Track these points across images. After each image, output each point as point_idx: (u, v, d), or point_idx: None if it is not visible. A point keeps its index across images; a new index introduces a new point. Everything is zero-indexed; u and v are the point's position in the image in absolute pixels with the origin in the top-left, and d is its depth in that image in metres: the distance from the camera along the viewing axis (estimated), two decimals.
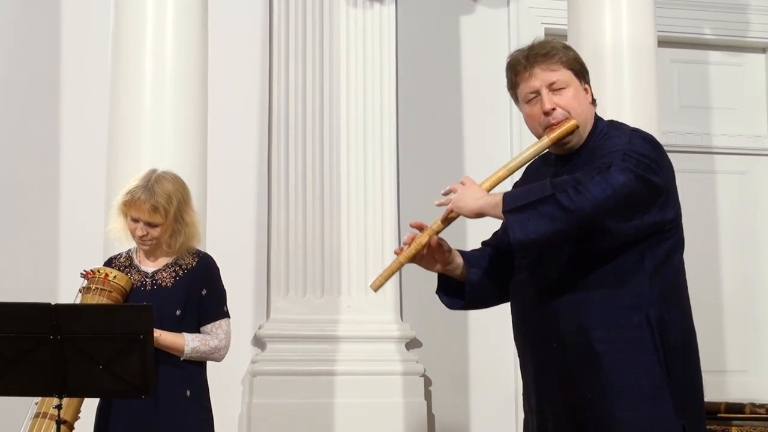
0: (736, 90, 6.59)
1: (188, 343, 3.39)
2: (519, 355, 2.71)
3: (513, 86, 2.71)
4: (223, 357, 3.50)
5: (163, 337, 3.32)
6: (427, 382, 5.68)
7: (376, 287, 2.58)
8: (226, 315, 3.51)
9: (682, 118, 6.44)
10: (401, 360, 5.55)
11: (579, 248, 2.53)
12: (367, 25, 5.82)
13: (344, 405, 5.39)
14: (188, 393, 3.40)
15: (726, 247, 6.44)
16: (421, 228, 2.64)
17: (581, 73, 2.69)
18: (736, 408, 4.81)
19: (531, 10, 6.12)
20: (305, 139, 5.65)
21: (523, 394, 2.71)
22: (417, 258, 2.65)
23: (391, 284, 5.61)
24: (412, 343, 5.68)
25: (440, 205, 2.61)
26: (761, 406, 4.78)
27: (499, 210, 2.46)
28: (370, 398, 5.39)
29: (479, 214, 2.52)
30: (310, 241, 5.58)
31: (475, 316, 5.75)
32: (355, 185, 5.67)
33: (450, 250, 2.72)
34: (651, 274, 2.51)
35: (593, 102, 2.71)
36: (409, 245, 2.61)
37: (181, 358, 3.39)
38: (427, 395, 5.65)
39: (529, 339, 2.63)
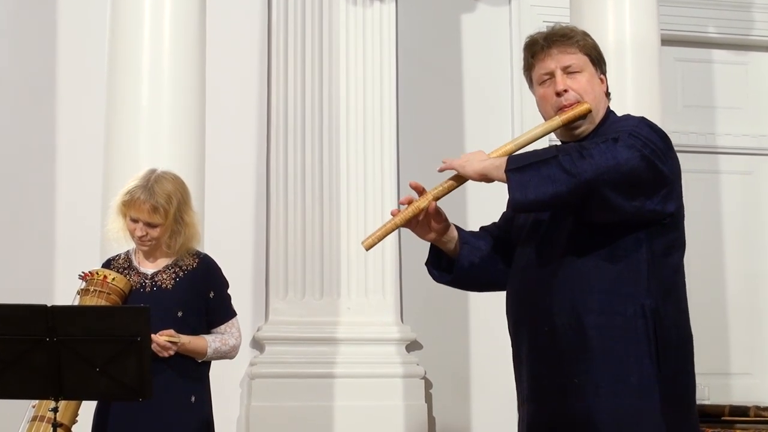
0: (740, 89, 6.58)
1: (210, 344, 3.44)
2: (512, 344, 2.72)
3: (529, 67, 2.73)
4: (237, 354, 3.57)
5: (192, 342, 3.37)
6: (428, 385, 5.68)
7: (368, 246, 2.57)
8: (235, 313, 3.56)
9: (686, 118, 6.44)
10: (401, 362, 5.55)
11: (579, 228, 2.53)
12: (367, 23, 5.82)
13: (344, 408, 5.38)
14: (193, 398, 3.41)
15: (730, 248, 6.44)
16: (420, 191, 2.63)
17: (598, 61, 2.71)
18: (740, 411, 4.80)
19: (533, 8, 6.12)
20: (304, 139, 5.65)
21: (517, 388, 2.71)
22: (412, 223, 2.64)
23: (391, 286, 5.62)
24: (413, 345, 5.68)
25: (442, 170, 2.60)
26: (766, 408, 4.77)
27: (502, 171, 2.45)
28: (370, 401, 5.39)
29: (483, 176, 2.51)
30: (309, 241, 5.57)
31: (477, 317, 5.77)
32: (354, 185, 5.67)
33: (447, 220, 2.72)
34: (648, 266, 2.52)
35: (608, 94, 2.73)
36: (407, 206, 2.60)
37: (200, 360, 3.43)
38: (428, 398, 5.65)
39: (524, 324, 2.64)
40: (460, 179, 2.57)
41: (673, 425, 2.49)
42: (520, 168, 2.43)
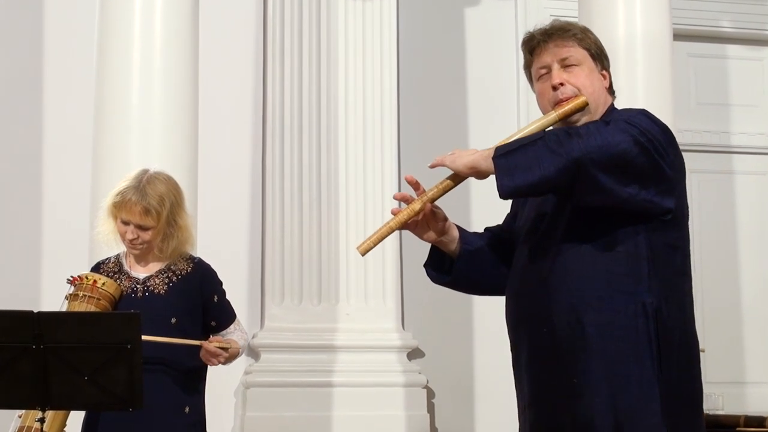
0: (756, 86, 6.60)
1: (239, 344, 3.50)
2: (511, 348, 2.73)
3: (528, 64, 2.76)
4: None
5: (234, 347, 3.43)
6: (430, 394, 5.69)
7: (364, 251, 2.59)
8: (235, 312, 3.62)
9: (700, 116, 6.45)
10: (402, 371, 5.55)
11: (576, 226, 2.55)
12: (366, 17, 5.83)
13: (343, 418, 5.39)
14: (187, 409, 3.41)
15: (745, 251, 6.45)
16: (415, 186, 2.65)
17: (598, 56, 2.72)
18: (755, 421, 4.80)
19: (540, 1, 6.13)
20: (301, 139, 5.66)
21: (517, 394, 2.72)
22: (410, 225, 2.67)
23: (392, 291, 5.63)
24: (414, 353, 5.69)
25: (433, 166, 2.61)
26: None
27: (491, 160, 2.48)
28: (369, 411, 5.40)
29: (472, 168, 2.52)
30: (307, 245, 5.58)
31: (481, 324, 5.77)
32: (353, 187, 5.68)
33: (445, 219, 2.74)
34: (649, 263, 2.53)
35: (611, 91, 2.73)
36: (403, 209, 2.63)
37: (229, 363, 3.48)
38: (430, 408, 5.66)
39: (522, 325, 2.66)
40: (456, 178, 2.59)
41: (676, 429, 2.50)
42: (506, 153, 2.46)
